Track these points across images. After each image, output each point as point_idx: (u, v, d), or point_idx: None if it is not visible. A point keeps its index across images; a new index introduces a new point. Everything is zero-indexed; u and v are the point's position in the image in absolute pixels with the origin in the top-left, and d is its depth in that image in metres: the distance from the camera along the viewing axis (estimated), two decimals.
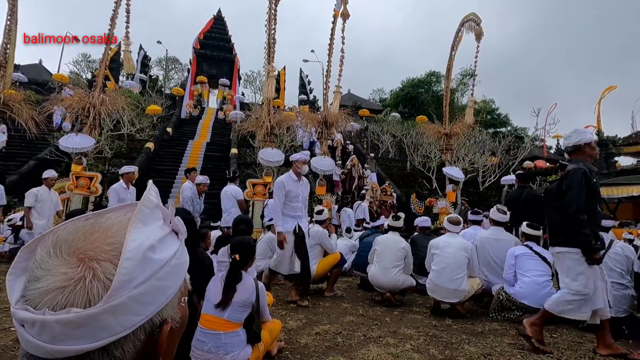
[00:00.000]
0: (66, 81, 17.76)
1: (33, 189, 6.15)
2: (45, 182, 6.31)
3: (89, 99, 9.05)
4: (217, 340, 2.18)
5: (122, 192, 5.92)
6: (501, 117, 35.63)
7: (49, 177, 6.36)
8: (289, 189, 4.19)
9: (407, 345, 2.86)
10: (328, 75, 10.88)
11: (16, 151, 12.09)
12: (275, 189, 4.23)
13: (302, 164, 4.35)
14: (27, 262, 0.45)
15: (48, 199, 6.28)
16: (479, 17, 11.97)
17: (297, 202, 4.24)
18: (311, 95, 28.33)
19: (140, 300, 0.42)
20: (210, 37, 25.60)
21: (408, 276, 4.33)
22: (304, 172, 4.36)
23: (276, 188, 4.22)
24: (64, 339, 0.39)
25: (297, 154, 4.47)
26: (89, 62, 34.29)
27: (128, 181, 6.12)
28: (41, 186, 6.29)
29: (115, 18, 9.20)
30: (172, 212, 0.53)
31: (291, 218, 4.21)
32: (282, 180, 4.23)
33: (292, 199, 4.21)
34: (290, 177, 4.31)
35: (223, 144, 16.20)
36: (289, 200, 4.21)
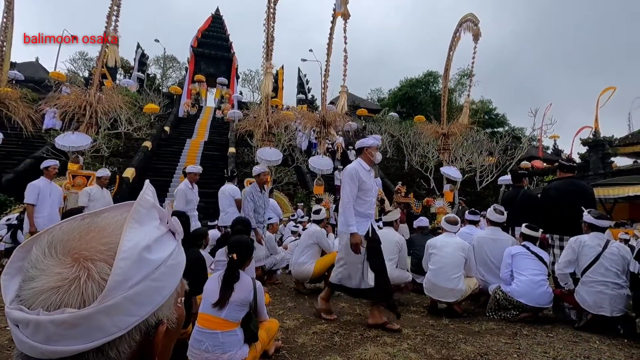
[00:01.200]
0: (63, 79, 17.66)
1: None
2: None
3: (85, 97, 9.02)
4: (215, 340, 2.18)
5: (189, 193, 5.55)
6: (499, 117, 35.76)
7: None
8: (363, 180, 3.35)
9: (404, 345, 2.86)
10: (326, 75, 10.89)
11: (12, 149, 12.02)
12: (347, 179, 3.31)
13: (375, 151, 3.52)
14: (23, 261, 0.45)
15: (101, 198, 5.81)
16: (476, 17, 12.01)
17: (371, 197, 3.44)
18: (309, 94, 28.32)
19: (136, 300, 0.42)
20: (209, 36, 25.52)
21: (403, 271, 4.34)
22: (377, 160, 3.60)
23: (348, 178, 3.31)
24: (58, 340, 0.39)
25: (370, 138, 3.55)
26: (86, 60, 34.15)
27: (193, 181, 5.67)
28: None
29: (112, 16, 9.17)
30: (169, 212, 0.53)
31: (364, 218, 3.39)
32: (354, 168, 3.37)
33: (365, 192, 3.37)
34: (362, 166, 3.44)
35: (221, 143, 16.18)
36: (363, 195, 3.36)
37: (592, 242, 3.50)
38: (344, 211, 3.31)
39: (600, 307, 3.31)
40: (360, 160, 3.51)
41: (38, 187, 5.30)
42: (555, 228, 4.32)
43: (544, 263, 3.67)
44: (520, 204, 4.80)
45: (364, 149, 3.53)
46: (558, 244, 4.25)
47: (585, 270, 3.45)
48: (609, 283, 3.33)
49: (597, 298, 3.33)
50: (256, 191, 5.00)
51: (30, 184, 5.35)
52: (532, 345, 2.95)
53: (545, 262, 3.69)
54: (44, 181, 5.49)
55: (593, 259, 3.43)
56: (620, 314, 3.29)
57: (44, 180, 5.50)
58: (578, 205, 3.87)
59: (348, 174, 3.37)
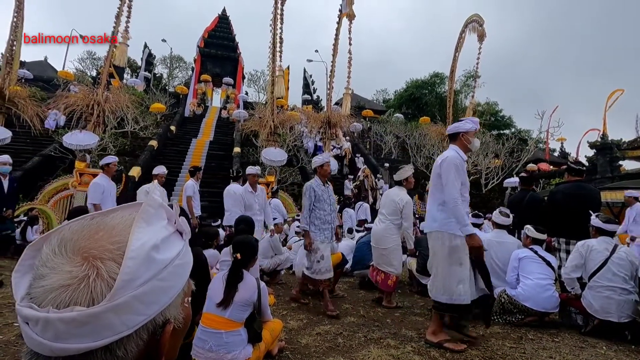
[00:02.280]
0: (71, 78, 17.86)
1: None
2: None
3: (93, 96, 9.12)
4: (219, 339, 2.19)
5: (249, 197, 5.06)
6: (505, 119, 35.51)
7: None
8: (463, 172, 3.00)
9: (408, 347, 2.85)
10: (332, 76, 10.90)
11: (21, 147, 12.16)
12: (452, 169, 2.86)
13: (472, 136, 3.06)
14: (33, 259, 0.45)
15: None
16: (481, 18, 11.96)
17: (467, 194, 3.06)
18: (315, 95, 28.34)
19: (143, 299, 0.43)
20: (215, 36, 25.67)
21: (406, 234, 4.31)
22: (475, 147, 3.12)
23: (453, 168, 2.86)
24: (67, 338, 0.39)
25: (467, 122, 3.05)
26: (94, 60, 34.51)
27: (254, 183, 5.14)
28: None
29: (120, 16, 9.26)
30: (177, 212, 0.53)
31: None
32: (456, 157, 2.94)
33: (465, 187, 3.00)
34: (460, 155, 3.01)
35: (226, 143, 16.23)
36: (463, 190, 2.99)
37: (599, 246, 3.46)
38: (454, 207, 2.75)
39: (607, 313, 3.26)
40: (456, 148, 3.00)
41: (102, 186, 5.02)
42: (562, 231, 4.27)
43: (551, 267, 3.64)
44: (526, 207, 4.76)
45: (459, 134, 3.02)
46: (564, 248, 4.20)
47: (593, 275, 3.41)
48: (616, 288, 3.28)
49: (604, 303, 3.29)
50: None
51: (94, 183, 5.08)
52: (538, 349, 2.92)
53: (553, 266, 3.65)
54: (105, 179, 5.19)
55: (601, 263, 3.39)
56: (628, 320, 3.24)
57: (105, 178, 5.20)
58: (585, 209, 3.83)
59: (452, 164, 2.85)
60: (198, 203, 6.36)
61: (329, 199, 4.03)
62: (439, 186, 2.91)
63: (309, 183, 3.99)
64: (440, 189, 2.90)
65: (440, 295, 2.86)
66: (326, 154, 4.15)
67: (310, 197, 3.88)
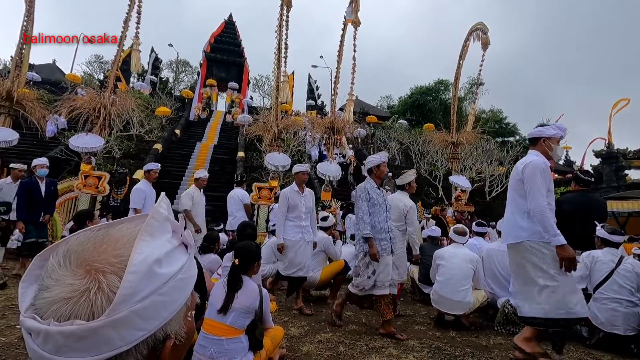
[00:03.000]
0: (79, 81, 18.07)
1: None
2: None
3: (100, 99, 9.20)
4: (219, 346, 2.17)
5: (294, 197, 4.37)
6: (509, 126, 35.37)
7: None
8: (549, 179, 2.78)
9: (409, 357, 2.82)
10: (337, 82, 10.92)
11: (28, 149, 12.28)
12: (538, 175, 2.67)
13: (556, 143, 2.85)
14: (40, 270, 0.46)
15: (201, 201, 5.59)
16: (486, 26, 11.97)
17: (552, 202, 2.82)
18: (319, 100, 28.44)
19: (143, 314, 0.42)
20: (221, 41, 25.90)
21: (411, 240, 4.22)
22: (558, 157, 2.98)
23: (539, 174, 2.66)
24: (66, 351, 0.39)
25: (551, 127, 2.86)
26: (101, 63, 34.89)
27: (302, 183, 4.59)
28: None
29: (129, 20, 9.37)
30: (183, 225, 0.53)
31: None
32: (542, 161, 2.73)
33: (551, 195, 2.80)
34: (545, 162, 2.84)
35: (230, 147, 16.30)
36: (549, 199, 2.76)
37: (605, 257, 3.42)
38: (541, 216, 2.53)
39: (613, 325, 3.22)
40: (537, 153, 2.78)
41: (144, 192, 5.18)
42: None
43: None
44: None
45: (540, 139, 2.80)
46: None
47: (598, 286, 3.37)
48: (622, 300, 3.24)
49: (609, 315, 3.24)
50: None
51: (136, 188, 5.24)
52: None
53: None
54: (147, 184, 5.34)
55: (606, 275, 3.35)
56: (634, 333, 3.19)
57: (146, 184, 5.34)
58: (591, 220, 3.79)
59: (537, 169, 2.62)
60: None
61: (385, 204, 3.54)
62: (522, 193, 2.69)
63: (363, 185, 3.52)
64: (523, 195, 2.67)
65: (556, 311, 2.48)
66: (383, 153, 3.73)
67: (366, 199, 3.43)
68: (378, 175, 3.66)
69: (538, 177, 2.61)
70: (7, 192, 5.65)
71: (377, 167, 3.66)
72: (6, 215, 5.53)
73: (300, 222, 4.26)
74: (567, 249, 2.49)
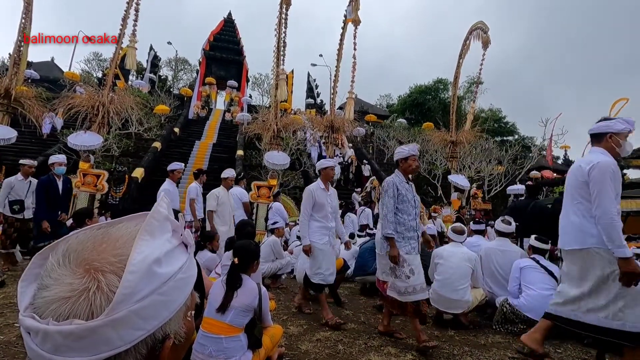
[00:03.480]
0: (77, 79, 18.02)
1: (214, 190, 5.26)
2: (224, 183, 5.52)
3: (98, 97, 9.18)
4: (218, 344, 2.17)
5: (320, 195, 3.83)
6: (508, 125, 35.44)
7: (228, 177, 5.56)
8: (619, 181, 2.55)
9: (408, 356, 2.83)
10: (336, 80, 10.93)
11: (26, 147, 12.26)
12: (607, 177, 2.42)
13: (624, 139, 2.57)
14: (40, 269, 0.45)
15: (227, 201, 5.36)
16: (486, 25, 11.98)
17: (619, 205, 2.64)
18: (318, 99, 28.42)
19: (142, 314, 0.42)
20: (220, 39, 25.85)
21: None
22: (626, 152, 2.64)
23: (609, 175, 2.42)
24: (65, 351, 0.39)
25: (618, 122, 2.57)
26: (100, 61, 34.81)
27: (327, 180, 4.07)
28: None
29: (127, 19, 9.34)
30: (182, 225, 0.53)
31: None
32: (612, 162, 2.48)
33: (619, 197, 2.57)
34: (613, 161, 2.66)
35: (229, 146, 16.29)
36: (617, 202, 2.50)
37: None
38: (609, 224, 2.31)
39: None
40: (602, 151, 2.53)
41: (170, 192, 5.19)
42: None
43: (554, 277, 3.60)
44: (531, 215, 4.73)
45: (606, 135, 2.53)
46: None
47: None
48: None
49: None
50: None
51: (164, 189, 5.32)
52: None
53: (556, 276, 3.62)
54: (171, 184, 5.44)
55: None
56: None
57: (171, 184, 5.43)
58: None
59: (607, 171, 2.38)
60: (201, 206, 6.37)
61: (414, 199, 3.19)
62: (587, 196, 2.46)
63: (390, 179, 3.15)
64: (588, 199, 2.45)
65: None
66: (412, 145, 3.39)
67: (393, 195, 3.05)
68: (405, 169, 3.26)
69: (608, 181, 2.37)
70: (19, 190, 5.48)
71: (404, 159, 3.25)
72: (20, 214, 5.33)
73: (327, 223, 3.82)
74: (632, 262, 2.26)
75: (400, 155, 3.28)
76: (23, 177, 5.53)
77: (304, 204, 3.83)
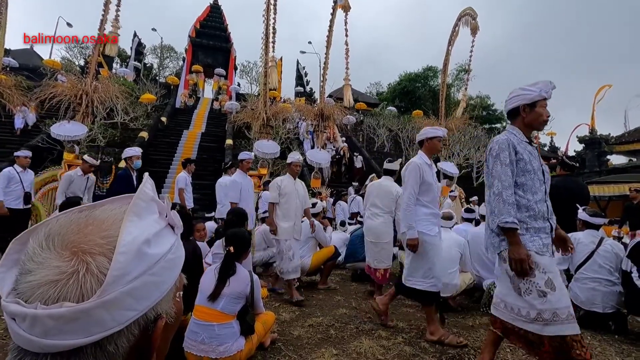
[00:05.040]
0: (58, 67, 17.44)
1: (277, 179, 4.34)
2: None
3: (82, 86, 8.92)
4: (211, 332, 2.19)
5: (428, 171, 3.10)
6: (497, 113, 35.78)
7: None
8: None
9: (398, 338, 2.89)
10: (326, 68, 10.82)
11: (7, 138, 11.88)
12: None
13: None
14: (19, 254, 0.44)
15: (294, 191, 4.27)
16: (475, 11, 11.95)
17: None
18: (308, 87, 28.15)
19: (134, 295, 0.42)
20: (207, 26, 25.22)
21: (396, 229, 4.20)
22: None
23: None
24: (56, 334, 0.38)
25: None
26: (81, 48, 33.66)
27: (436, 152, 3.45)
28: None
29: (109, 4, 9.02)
30: (168, 206, 0.52)
31: None
32: None
33: None
34: None
35: (218, 135, 16.08)
36: None
37: (586, 239, 3.54)
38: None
39: (592, 304, 3.35)
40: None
41: (239, 184, 4.77)
42: None
43: None
44: None
45: None
46: None
47: (579, 267, 3.50)
48: (601, 280, 3.37)
49: (589, 295, 3.37)
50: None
51: (233, 181, 4.88)
52: None
53: None
54: (241, 175, 4.94)
55: (587, 256, 3.47)
56: (612, 311, 3.34)
57: (241, 175, 4.95)
58: (574, 203, 3.90)
59: None
60: (190, 195, 6.32)
61: (542, 170, 2.17)
62: None
63: (504, 137, 2.14)
64: None
65: None
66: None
67: (511, 162, 2.06)
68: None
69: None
70: (77, 186, 5.37)
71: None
72: None
73: (435, 209, 3.05)
74: None
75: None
76: (82, 174, 5.48)
77: (409, 183, 2.97)
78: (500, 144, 2.10)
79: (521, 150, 2.09)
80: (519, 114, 2.16)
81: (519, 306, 1.98)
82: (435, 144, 3.09)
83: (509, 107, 2.21)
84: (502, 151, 2.08)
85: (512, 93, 2.19)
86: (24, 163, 5.51)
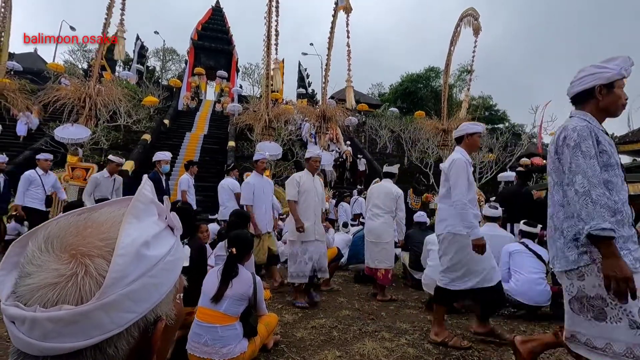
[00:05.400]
0: (62, 71, 17.57)
1: (295, 175, 4.21)
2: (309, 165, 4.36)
3: (85, 89, 8.96)
4: (214, 334, 2.19)
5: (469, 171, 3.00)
6: (499, 113, 35.67)
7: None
8: None
9: (402, 340, 2.88)
10: (327, 69, 10.82)
11: (11, 141, 11.97)
12: None
13: None
14: (19, 257, 0.44)
15: (313, 188, 4.08)
16: (477, 11, 11.91)
17: None
18: (310, 88, 28.19)
19: (134, 297, 0.42)
20: (209, 29, 25.34)
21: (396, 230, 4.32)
22: None
23: None
24: (55, 337, 0.38)
25: None
26: (85, 52, 33.86)
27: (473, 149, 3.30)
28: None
29: (112, 7, 9.06)
30: (168, 208, 0.52)
31: None
32: None
33: None
34: None
35: (220, 137, 16.13)
36: None
37: None
38: None
39: None
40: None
41: (253, 185, 4.75)
42: None
43: (542, 261, 3.68)
44: (522, 201, 4.80)
45: None
46: None
47: None
48: None
49: None
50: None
51: (246, 182, 4.88)
52: None
53: (544, 260, 3.70)
54: (256, 177, 4.99)
55: None
56: None
57: (256, 176, 5.00)
58: None
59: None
60: (193, 197, 6.33)
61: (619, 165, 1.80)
62: None
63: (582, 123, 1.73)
64: None
65: None
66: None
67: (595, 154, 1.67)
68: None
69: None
70: (104, 187, 5.33)
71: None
72: None
73: (476, 209, 2.86)
74: None
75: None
76: (109, 175, 5.44)
77: (459, 180, 2.80)
78: (580, 131, 1.68)
79: (602, 141, 1.71)
80: (591, 96, 1.79)
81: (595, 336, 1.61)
82: (475, 140, 2.99)
83: (579, 89, 1.83)
84: (583, 140, 1.66)
85: (584, 71, 1.82)
86: (45, 166, 5.58)
